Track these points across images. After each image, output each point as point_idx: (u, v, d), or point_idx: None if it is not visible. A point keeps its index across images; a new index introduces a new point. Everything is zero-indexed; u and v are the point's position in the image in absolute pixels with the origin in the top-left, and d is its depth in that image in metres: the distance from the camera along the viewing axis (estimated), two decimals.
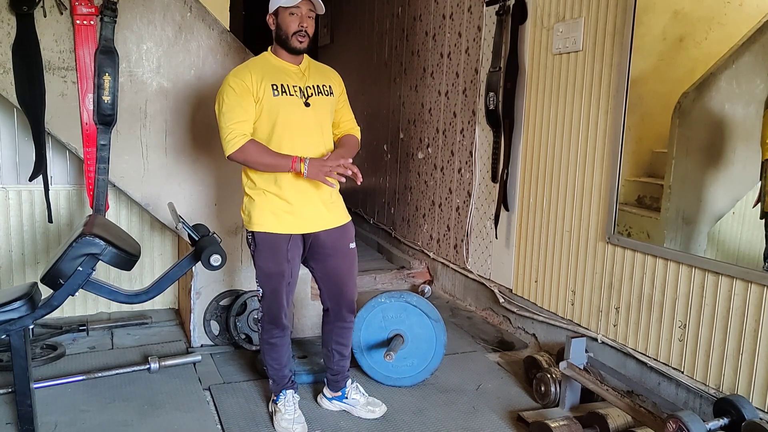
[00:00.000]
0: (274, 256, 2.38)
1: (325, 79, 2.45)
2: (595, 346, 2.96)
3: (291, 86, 2.33)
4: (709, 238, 2.65)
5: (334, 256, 2.47)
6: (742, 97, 2.53)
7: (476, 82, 3.91)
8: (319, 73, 2.45)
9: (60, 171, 3.40)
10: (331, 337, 2.59)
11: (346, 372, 2.65)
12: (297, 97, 2.34)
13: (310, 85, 2.37)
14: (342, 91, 2.54)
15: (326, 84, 2.43)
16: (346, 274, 2.52)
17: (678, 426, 2.06)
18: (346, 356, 2.63)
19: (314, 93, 2.38)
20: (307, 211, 2.38)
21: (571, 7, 3.07)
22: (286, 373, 2.54)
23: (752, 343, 2.31)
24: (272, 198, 2.36)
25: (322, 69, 2.51)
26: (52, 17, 2.77)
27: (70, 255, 2.24)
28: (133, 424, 2.48)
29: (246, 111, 2.28)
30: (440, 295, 4.38)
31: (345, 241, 2.49)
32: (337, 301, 2.54)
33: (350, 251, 2.51)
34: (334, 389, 2.65)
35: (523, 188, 3.48)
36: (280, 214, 2.36)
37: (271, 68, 2.35)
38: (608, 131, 2.86)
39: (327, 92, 2.43)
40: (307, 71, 2.41)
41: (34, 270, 3.42)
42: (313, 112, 2.36)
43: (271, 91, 2.29)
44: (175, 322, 3.60)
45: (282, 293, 2.43)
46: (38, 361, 2.92)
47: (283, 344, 2.50)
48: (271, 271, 2.40)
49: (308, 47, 2.35)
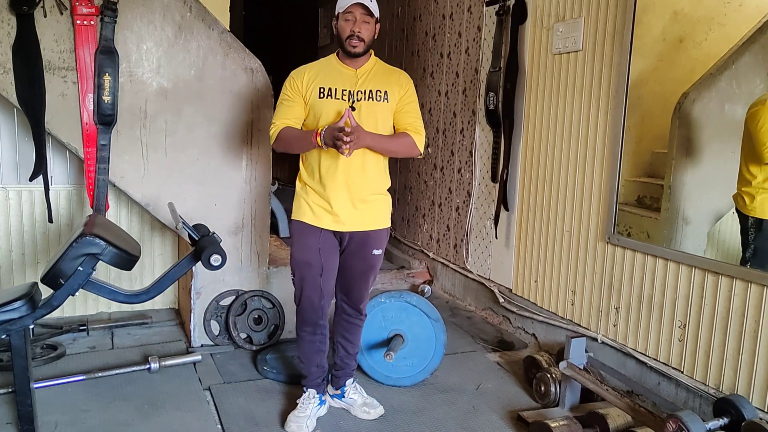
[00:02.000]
0: (303, 243, 2.45)
1: (382, 84, 2.40)
2: (595, 346, 2.96)
3: (340, 90, 2.36)
4: (709, 238, 2.65)
5: (354, 257, 2.48)
6: (741, 97, 2.53)
7: (476, 82, 3.91)
8: (379, 78, 2.42)
9: (60, 171, 3.40)
10: (338, 329, 2.62)
11: (349, 371, 2.66)
12: (342, 101, 2.35)
13: (362, 90, 2.37)
14: (404, 96, 2.44)
15: (381, 89, 2.39)
16: (359, 275, 2.52)
17: (678, 426, 2.06)
18: (351, 354, 2.64)
19: (364, 98, 2.37)
20: (339, 210, 2.39)
21: (571, 7, 3.07)
22: (313, 370, 2.55)
23: (752, 343, 2.31)
24: (311, 192, 2.43)
25: (387, 74, 2.46)
26: (53, 17, 2.77)
27: (70, 255, 2.24)
28: (134, 424, 2.48)
29: (291, 109, 2.41)
30: (440, 295, 4.38)
31: (369, 246, 2.47)
32: (344, 296, 2.58)
33: (372, 256, 2.49)
34: (335, 386, 2.67)
35: (523, 188, 3.48)
36: (315, 208, 2.41)
37: (328, 70, 2.41)
38: (608, 131, 2.86)
39: (380, 98, 2.39)
40: (366, 75, 2.40)
41: (35, 270, 3.42)
42: (359, 115, 2.33)
43: (317, 93, 2.37)
44: (175, 322, 3.60)
45: (309, 284, 2.45)
46: (38, 360, 2.92)
47: (310, 341, 2.53)
48: (299, 258, 2.46)
49: (364, 50, 2.36)
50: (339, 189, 2.38)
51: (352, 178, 2.38)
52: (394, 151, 2.46)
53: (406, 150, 2.45)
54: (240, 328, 3.21)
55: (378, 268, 2.57)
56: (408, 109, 2.46)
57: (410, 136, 2.43)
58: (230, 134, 3.15)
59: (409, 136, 2.43)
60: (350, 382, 2.67)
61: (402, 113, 2.45)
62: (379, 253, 2.52)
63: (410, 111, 2.46)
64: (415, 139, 2.43)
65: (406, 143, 2.43)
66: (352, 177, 2.37)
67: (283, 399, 2.72)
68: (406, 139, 2.42)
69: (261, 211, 3.29)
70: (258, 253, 3.30)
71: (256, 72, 3.15)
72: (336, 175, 2.37)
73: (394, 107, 2.43)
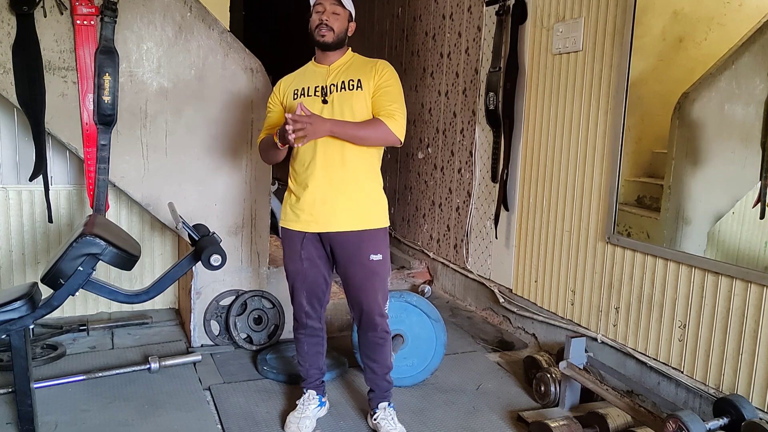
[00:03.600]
0: (288, 252, 2.42)
1: (355, 74, 2.31)
2: (594, 345, 2.96)
3: (312, 87, 2.34)
4: (709, 238, 2.65)
5: (350, 264, 2.34)
6: (741, 97, 2.53)
7: (476, 82, 3.91)
8: (353, 69, 2.34)
9: (60, 171, 3.40)
10: (359, 348, 2.52)
11: (380, 393, 2.47)
12: (315, 97, 2.32)
13: (335, 83, 2.31)
14: (380, 82, 2.29)
15: (354, 78, 2.30)
16: (361, 285, 2.35)
17: (678, 426, 2.06)
18: (378, 374, 2.45)
19: (336, 89, 2.30)
20: (319, 209, 2.30)
21: (571, 7, 3.08)
22: (312, 372, 2.52)
23: (752, 343, 2.31)
24: (291, 194, 2.40)
25: (363, 64, 2.36)
26: (53, 17, 2.77)
27: (70, 255, 2.24)
28: (134, 424, 2.48)
29: (271, 120, 2.45)
30: (440, 295, 4.38)
31: (363, 250, 2.31)
32: (353, 312, 2.45)
33: (370, 262, 2.32)
34: (369, 405, 2.53)
35: (523, 188, 3.48)
36: (295, 211, 2.36)
37: (304, 74, 2.41)
38: (608, 131, 2.87)
39: (352, 86, 2.29)
40: (340, 69, 2.34)
41: (35, 270, 3.42)
42: (331, 108, 2.28)
43: (292, 96, 2.38)
44: (175, 322, 3.60)
45: (298, 291, 2.42)
46: (39, 360, 2.92)
47: (307, 342, 2.49)
48: (287, 267, 2.44)
49: (334, 41, 2.30)
50: (317, 186, 2.29)
51: (330, 173, 2.28)
52: (363, 137, 2.25)
53: (378, 137, 2.26)
54: (240, 328, 3.21)
55: (383, 276, 2.38)
56: (382, 93, 2.29)
57: (382, 122, 2.24)
58: (230, 134, 3.15)
59: (381, 122, 2.24)
60: (383, 406, 2.46)
61: (376, 98, 2.29)
62: (378, 259, 2.33)
63: (384, 95, 2.28)
64: (388, 124, 2.23)
65: (378, 129, 2.24)
66: (330, 172, 2.28)
67: (283, 399, 2.72)
68: (378, 125, 2.24)
69: (261, 211, 3.29)
70: (258, 253, 3.30)
71: (256, 72, 3.15)
72: (315, 171, 2.29)
73: (370, 94, 2.30)
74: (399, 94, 2.33)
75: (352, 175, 2.30)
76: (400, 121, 2.27)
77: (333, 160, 2.28)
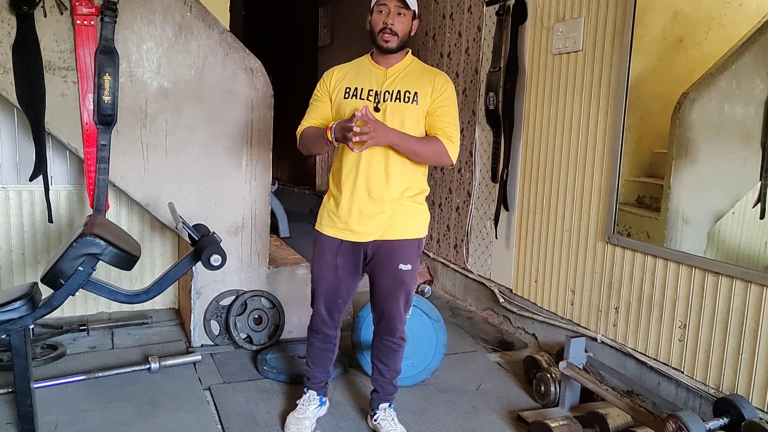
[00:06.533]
0: (319, 256, 2.35)
1: (414, 84, 2.22)
2: (594, 345, 2.96)
3: (366, 89, 2.24)
4: (709, 238, 2.65)
5: (380, 270, 2.30)
6: (741, 97, 2.53)
7: (476, 82, 3.91)
8: (411, 78, 2.24)
9: (60, 171, 3.40)
10: (373, 350, 2.49)
11: (384, 395, 2.48)
12: (367, 101, 2.21)
13: (390, 90, 2.22)
14: (438, 98, 2.23)
15: (411, 90, 2.21)
16: (387, 292, 2.31)
17: (678, 426, 2.06)
18: (386, 378, 2.45)
19: (390, 98, 2.21)
20: (355, 219, 2.25)
21: (571, 7, 3.08)
22: (317, 374, 2.50)
23: (752, 343, 2.31)
24: (331, 198, 2.33)
25: (422, 73, 2.27)
26: (53, 17, 2.77)
27: (70, 255, 2.24)
28: (134, 424, 2.48)
29: (317, 110, 2.32)
30: (440, 295, 4.38)
31: (394, 259, 2.27)
32: (376, 314, 2.42)
33: (399, 271, 2.27)
34: (370, 406, 2.53)
35: (523, 188, 3.48)
36: (332, 217, 2.30)
37: (359, 70, 2.30)
38: (608, 131, 2.87)
39: (408, 99, 2.21)
40: (397, 75, 2.24)
41: (35, 270, 3.42)
42: (383, 117, 2.18)
43: (343, 93, 2.26)
44: (175, 322, 3.60)
45: (318, 297, 2.37)
46: (38, 360, 2.92)
47: (318, 347, 2.46)
48: (314, 270, 2.38)
49: (397, 46, 2.21)
50: (357, 198, 2.23)
51: (372, 182, 2.22)
52: (420, 155, 2.20)
53: (434, 156, 2.21)
54: (240, 328, 3.21)
55: (410, 285, 2.34)
56: (441, 113, 2.22)
57: (441, 142, 2.18)
58: (230, 134, 3.15)
59: (440, 142, 2.18)
60: (384, 407, 2.47)
61: (434, 117, 2.22)
62: (407, 269, 2.28)
63: (443, 115, 2.22)
64: (446, 146, 2.19)
65: (435, 148, 2.19)
66: (372, 181, 2.22)
67: (283, 399, 2.72)
68: (436, 145, 2.19)
69: (261, 211, 3.29)
70: (258, 253, 3.30)
71: (256, 72, 3.15)
72: (357, 182, 2.22)
73: (426, 110, 2.23)
74: (456, 114, 2.28)
75: (394, 184, 2.23)
76: (456, 144, 2.23)
77: (377, 172, 2.22)
